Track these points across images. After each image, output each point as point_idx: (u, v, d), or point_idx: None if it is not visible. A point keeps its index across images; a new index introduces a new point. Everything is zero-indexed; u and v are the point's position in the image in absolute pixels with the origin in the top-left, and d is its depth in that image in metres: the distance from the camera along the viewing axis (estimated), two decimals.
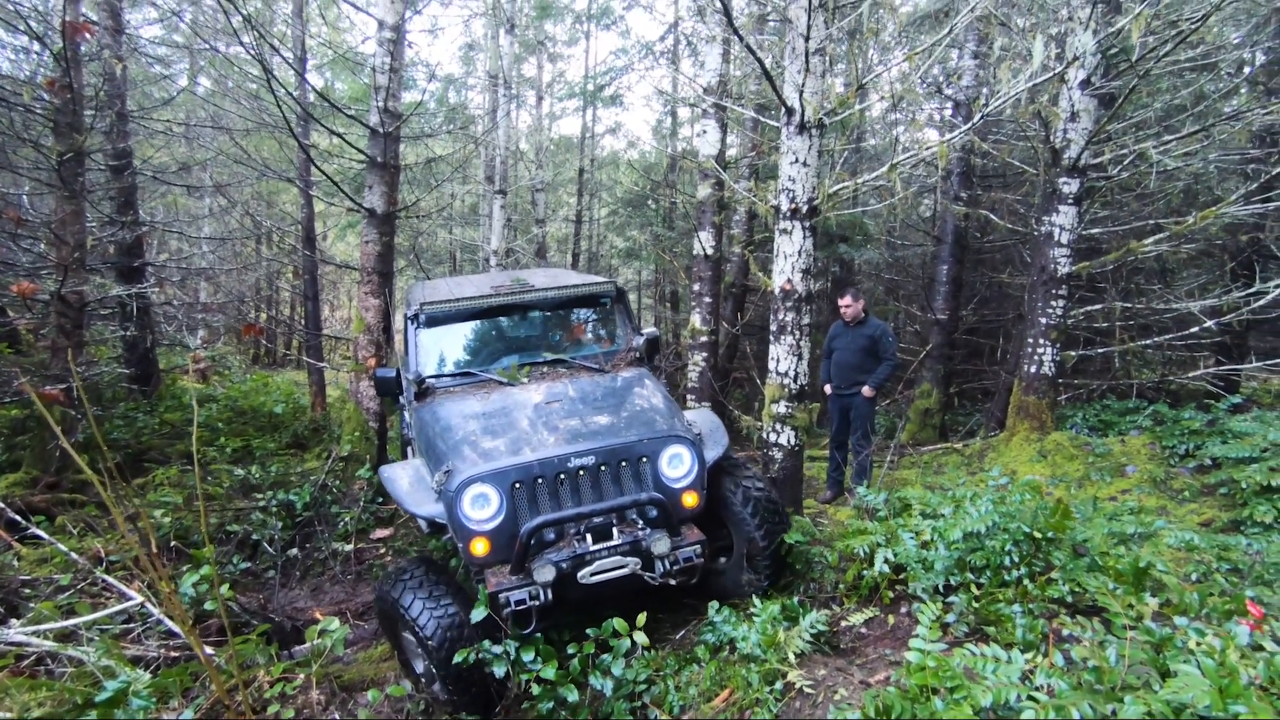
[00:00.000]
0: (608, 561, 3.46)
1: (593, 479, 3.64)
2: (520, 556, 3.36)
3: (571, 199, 22.49)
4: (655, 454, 3.75)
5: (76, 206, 6.18)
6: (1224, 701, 1.98)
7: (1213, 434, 6.23)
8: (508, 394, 4.19)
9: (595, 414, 3.98)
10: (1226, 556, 3.78)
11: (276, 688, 3.67)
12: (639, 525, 3.61)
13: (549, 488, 3.56)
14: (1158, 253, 7.82)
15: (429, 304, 4.51)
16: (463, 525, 3.41)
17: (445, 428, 3.88)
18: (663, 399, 4.28)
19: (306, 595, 5.91)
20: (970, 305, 11.67)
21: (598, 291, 4.89)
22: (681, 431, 3.86)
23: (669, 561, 3.57)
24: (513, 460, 3.52)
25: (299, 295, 17.46)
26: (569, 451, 3.61)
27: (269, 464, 7.23)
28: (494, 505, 3.46)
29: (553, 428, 3.82)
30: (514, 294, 4.70)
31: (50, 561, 4.87)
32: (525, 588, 3.33)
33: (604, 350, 4.80)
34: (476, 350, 4.70)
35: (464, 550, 3.43)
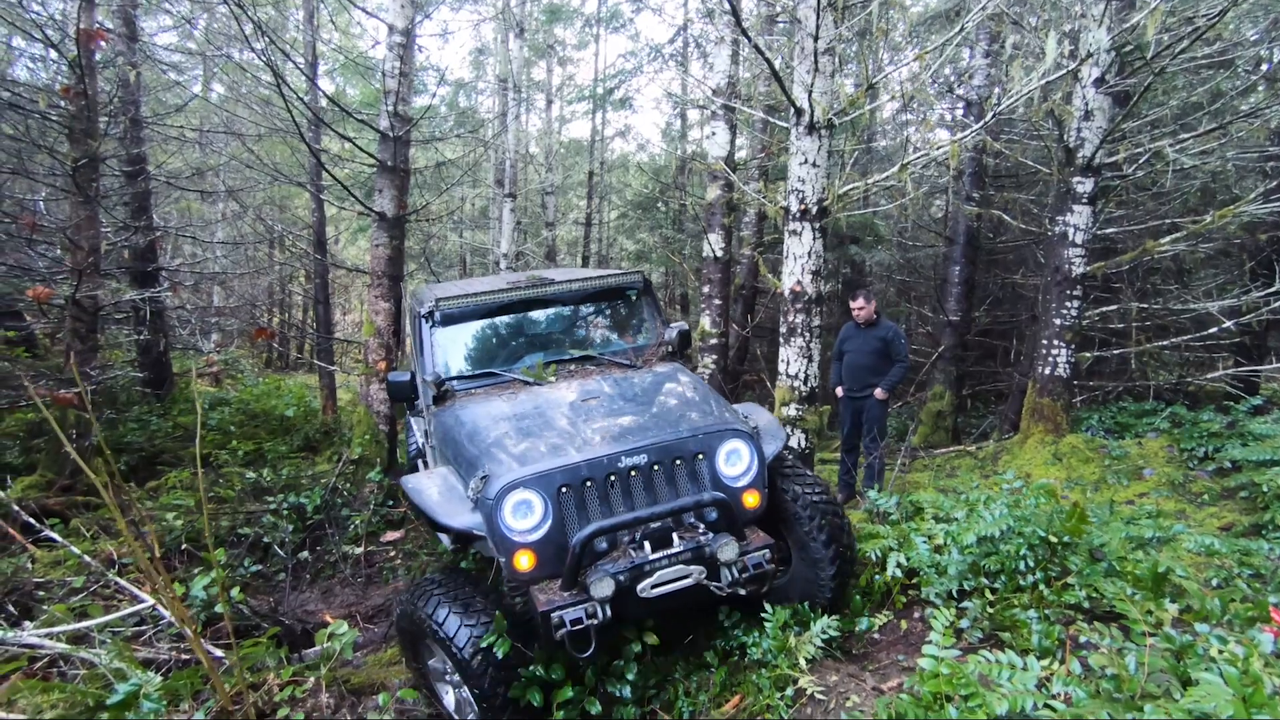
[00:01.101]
0: (670, 571, 3.11)
1: (645, 480, 3.31)
2: (573, 570, 2.99)
3: (581, 202, 22.53)
4: (712, 450, 3.44)
5: (91, 212, 6.24)
6: (1248, 710, 1.93)
7: (1232, 436, 6.13)
8: (537, 394, 3.90)
9: (639, 411, 3.69)
10: (1248, 562, 3.71)
11: (286, 691, 3.67)
12: (699, 530, 3.26)
13: (598, 491, 3.23)
14: (1175, 252, 7.71)
15: (445, 300, 4.24)
16: (504, 537, 3.05)
17: (474, 431, 3.56)
18: (709, 393, 4.01)
19: (317, 598, 5.92)
20: (983, 306, 11.57)
21: (624, 283, 4.62)
22: (739, 425, 3.57)
23: (737, 569, 3.21)
24: (558, 462, 3.19)
25: (310, 299, 17.58)
26: (619, 450, 3.27)
27: (280, 467, 7.26)
28: (538, 513, 3.12)
29: (596, 426, 3.51)
30: (535, 288, 4.42)
31: (64, 564, 4.91)
32: (581, 605, 2.97)
33: (633, 345, 4.52)
34: (497, 349, 4.41)
35: (506, 566, 3.04)
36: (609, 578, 2.98)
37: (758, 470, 3.50)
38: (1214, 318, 7.58)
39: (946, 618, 2.48)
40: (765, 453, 3.61)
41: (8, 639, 3.73)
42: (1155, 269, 9.60)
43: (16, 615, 4.26)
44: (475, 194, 18.74)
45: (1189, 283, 9.36)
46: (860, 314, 6.30)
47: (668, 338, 4.51)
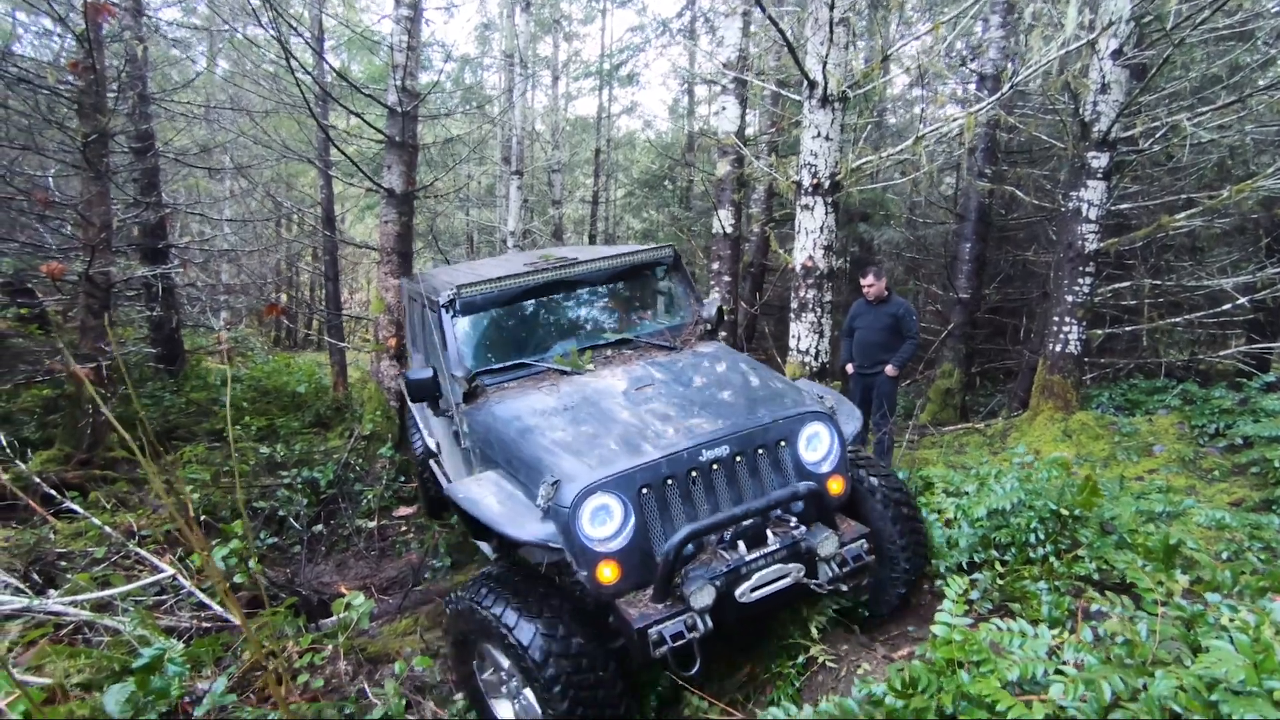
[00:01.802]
0: (769, 572, 2.87)
1: (728, 474, 3.05)
2: (666, 579, 2.72)
3: (588, 180, 22.40)
4: (794, 435, 3.19)
5: (102, 188, 6.25)
6: (1259, 676, 1.95)
7: (1244, 413, 6.11)
8: (580, 384, 3.59)
9: (703, 397, 3.41)
10: (1259, 535, 3.72)
11: (306, 658, 3.75)
12: (791, 524, 3.04)
13: (680, 489, 2.95)
14: (1190, 228, 7.63)
15: (466, 287, 3.89)
16: (585, 548, 2.75)
17: (526, 430, 3.24)
18: (769, 372, 3.76)
19: (332, 570, 6.02)
20: (993, 284, 11.49)
21: (655, 259, 4.34)
22: (817, 407, 3.32)
23: (836, 563, 3.00)
24: (636, 460, 2.89)
25: (319, 277, 17.60)
26: (699, 443, 3.00)
27: (293, 442, 7.34)
28: (617, 518, 2.84)
29: (662, 416, 3.23)
30: (562, 268, 4.11)
31: (85, 535, 4.99)
32: (679, 618, 2.70)
33: (669, 325, 4.24)
34: (523, 338, 4.06)
35: (588, 579, 2.75)
36: (709, 585, 2.70)
37: (840, 454, 3.27)
38: (1227, 294, 7.52)
39: (960, 585, 2.51)
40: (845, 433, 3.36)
41: (34, 606, 3.81)
42: (1169, 246, 9.50)
43: (41, 584, 4.35)
44: (481, 171, 18.65)
45: (1203, 260, 9.27)
46: (870, 290, 6.27)
47: (706, 315, 4.25)
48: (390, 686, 3.67)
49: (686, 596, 2.68)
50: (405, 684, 3.81)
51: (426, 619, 5.04)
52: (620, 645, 2.92)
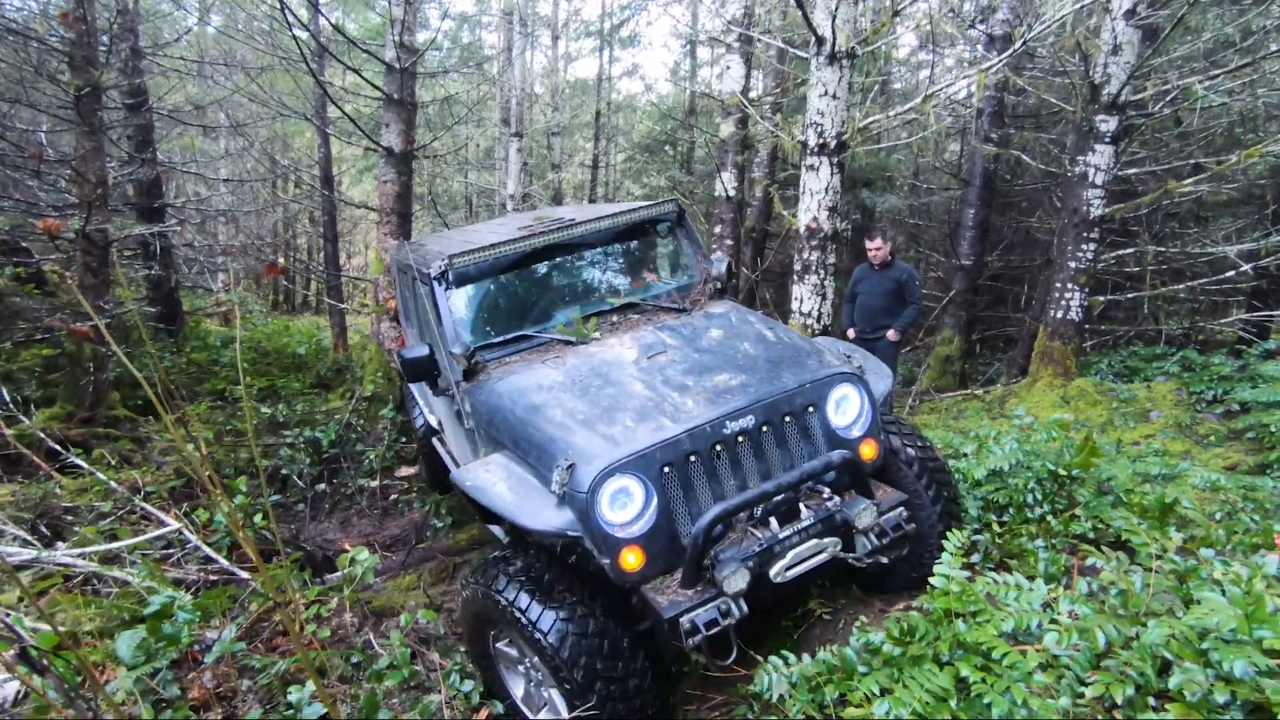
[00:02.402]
0: (804, 548, 2.69)
1: (754, 445, 2.87)
2: (695, 563, 2.56)
3: (587, 144, 22.10)
4: (821, 399, 3.00)
5: (96, 143, 6.16)
6: (1249, 626, 2.00)
7: (1242, 380, 6.14)
8: (587, 355, 3.39)
9: (720, 363, 3.20)
10: (1252, 497, 3.77)
11: (313, 609, 3.83)
12: (824, 495, 2.88)
13: (704, 465, 2.77)
14: (1197, 194, 7.57)
15: (458, 256, 3.63)
16: (605, 534, 2.58)
17: (533, 407, 3.05)
18: (787, 331, 3.55)
19: (335, 528, 6.10)
20: (996, 251, 11.44)
21: (657, 215, 4.07)
22: (845, 367, 3.13)
23: (875, 534, 2.85)
24: (656, 437, 2.70)
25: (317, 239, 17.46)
26: (721, 414, 2.80)
27: (294, 403, 7.37)
28: (638, 500, 2.66)
29: (680, 386, 3.02)
30: (559, 230, 3.84)
31: (90, 491, 5.04)
32: (712, 604, 2.54)
33: (676, 285, 4.02)
34: (522, 307, 3.85)
35: (611, 567, 2.59)
36: (743, 567, 2.52)
37: (871, 416, 3.08)
38: (1231, 262, 7.49)
39: (959, 538, 2.55)
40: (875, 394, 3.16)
41: (43, 558, 3.87)
42: (1174, 213, 9.43)
43: (49, 536, 4.40)
44: (480, 133, 18.38)
45: (1208, 227, 9.22)
46: (876, 254, 6.23)
47: (714, 273, 4.02)
48: (396, 637, 3.75)
49: (719, 581, 2.50)
50: (410, 635, 3.89)
51: (429, 575, 5.12)
52: (647, 627, 2.80)
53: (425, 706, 3.28)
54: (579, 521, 2.59)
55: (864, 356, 3.45)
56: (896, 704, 2.07)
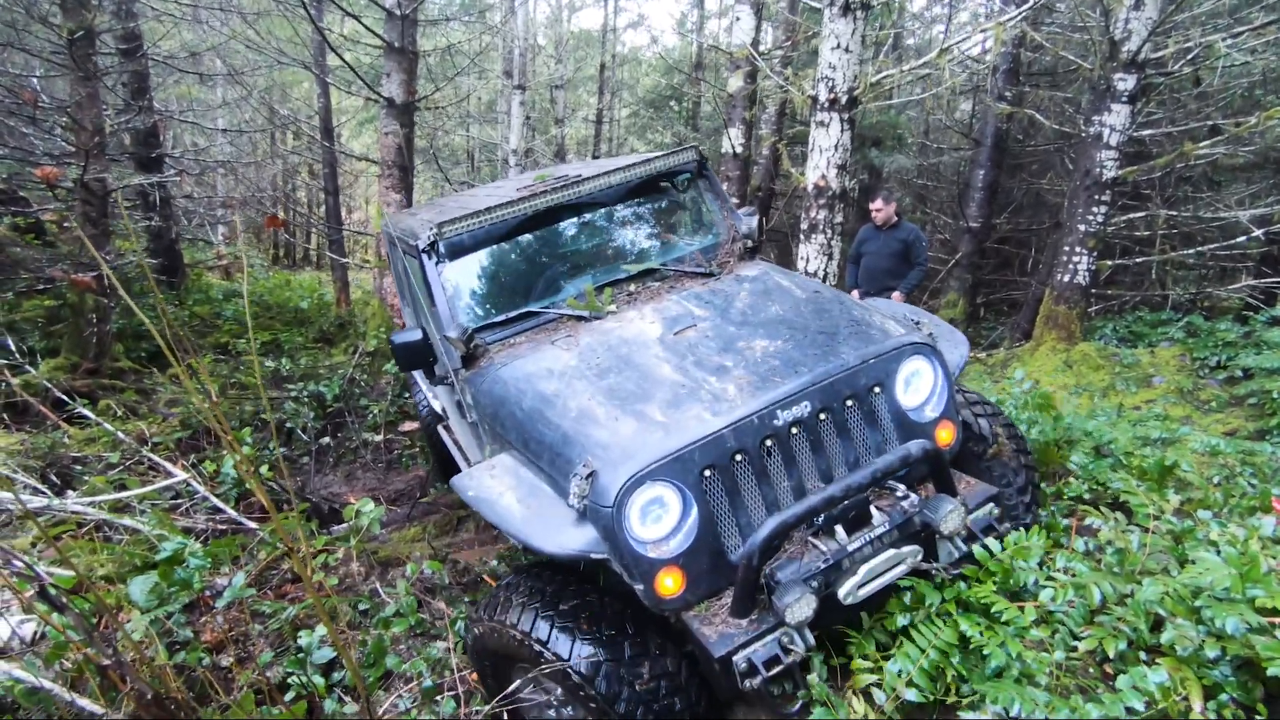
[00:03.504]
0: (879, 561, 2.24)
1: (811, 437, 2.41)
2: (749, 587, 2.12)
3: (591, 98, 21.63)
4: (889, 376, 2.52)
5: (92, 90, 6.03)
6: (1243, 585, 2.03)
7: (1247, 346, 6.13)
8: (604, 332, 2.96)
9: (761, 336, 2.74)
10: (1251, 461, 3.80)
11: (320, 558, 3.90)
12: (898, 493, 2.39)
13: (753, 465, 2.32)
14: (1213, 157, 7.43)
15: (448, 224, 3.19)
16: (637, 555, 2.15)
17: (544, 400, 2.62)
18: (838, 294, 3.10)
19: (340, 481, 6.17)
20: (1004, 213, 11.30)
21: (676, 166, 3.57)
22: (915, 336, 2.64)
23: (962, 539, 2.37)
24: (694, 433, 2.25)
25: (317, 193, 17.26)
26: (771, 401, 2.34)
27: (298, 357, 7.39)
28: (675, 512, 2.23)
29: (717, 369, 2.56)
30: (564, 188, 3.39)
31: (98, 441, 5.09)
32: (771, 636, 2.12)
33: (701, 246, 3.54)
34: (527, 280, 3.38)
35: (646, 593, 2.18)
36: (808, 590, 2.09)
37: (947, 394, 2.60)
38: (1243, 227, 7.40)
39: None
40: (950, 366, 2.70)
41: (53, 505, 3.93)
42: (1187, 177, 9.28)
43: (59, 485, 4.46)
44: (482, 84, 18.00)
45: (1220, 192, 9.08)
46: (879, 215, 6.14)
47: (743, 230, 3.57)
48: (402, 586, 3.83)
49: (779, 609, 2.06)
50: (416, 585, 3.97)
51: (434, 527, 5.20)
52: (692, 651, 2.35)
53: (431, 653, 3.38)
54: (604, 540, 2.17)
55: (932, 321, 2.92)
56: (904, 659, 2.12)
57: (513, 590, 2.50)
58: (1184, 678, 1.91)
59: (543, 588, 2.45)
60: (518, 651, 2.36)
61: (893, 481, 2.40)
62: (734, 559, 2.25)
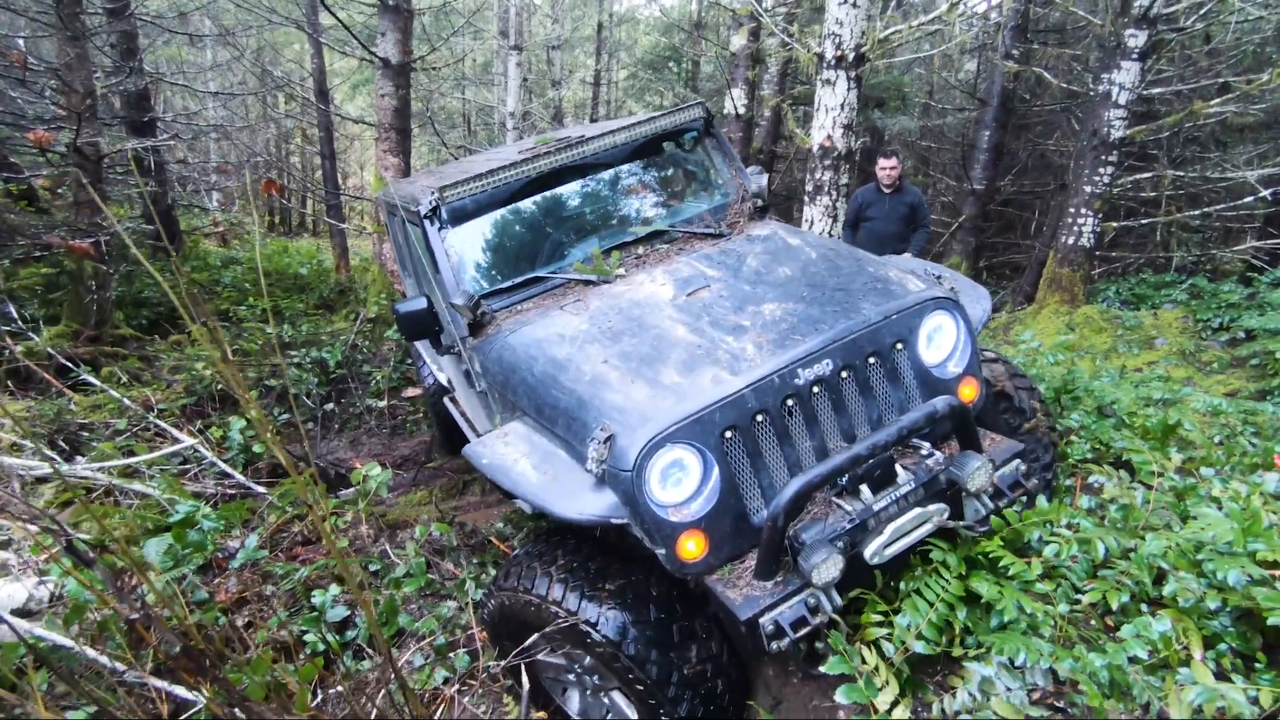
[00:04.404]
0: (905, 520, 2.21)
1: (833, 395, 2.38)
2: (773, 549, 2.11)
3: (589, 59, 21.22)
4: (911, 332, 2.49)
5: (80, 50, 5.89)
6: (1244, 539, 2.07)
7: (1250, 307, 6.12)
8: (614, 296, 2.93)
9: (777, 295, 2.70)
10: (1252, 420, 3.83)
11: (330, 521, 3.95)
12: (923, 451, 2.40)
13: (774, 426, 2.29)
14: (1223, 116, 7.33)
15: (450, 187, 3.14)
16: (659, 519, 2.14)
17: (555, 365, 2.59)
18: (851, 251, 3.06)
19: (345, 446, 6.21)
20: (1009, 175, 11.18)
21: (681, 125, 3.49)
22: (937, 290, 2.60)
23: (989, 496, 2.35)
24: (713, 394, 2.22)
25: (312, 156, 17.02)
26: (792, 360, 2.31)
27: (299, 324, 7.37)
28: (695, 474, 2.21)
29: (733, 329, 2.53)
30: (567, 148, 3.33)
31: (103, 408, 5.10)
32: (798, 598, 2.12)
33: (709, 206, 3.50)
34: (532, 245, 3.34)
35: (668, 557, 2.18)
36: (835, 550, 2.07)
37: (971, 349, 2.57)
38: (1250, 187, 7.33)
39: None
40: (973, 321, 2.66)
41: (64, 470, 3.96)
42: (1194, 137, 9.17)
43: (68, 451, 4.48)
44: (478, 45, 17.62)
45: (1228, 152, 8.98)
46: (889, 174, 5.98)
47: (753, 189, 3.52)
48: (411, 548, 3.89)
49: (805, 570, 2.05)
50: (424, 547, 4.03)
51: (440, 491, 5.25)
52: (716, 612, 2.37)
53: (440, 612, 3.44)
54: (624, 505, 2.15)
55: (952, 275, 2.85)
56: (913, 613, 2.16)
57: (537, 559, 2.47)
58: (1185, 628, 1.95)
59: (572, 557, 2.44)
60: (542, 619, 2.34)
61: (917, 439, 2.40)
62: (757, 521, 2.25)
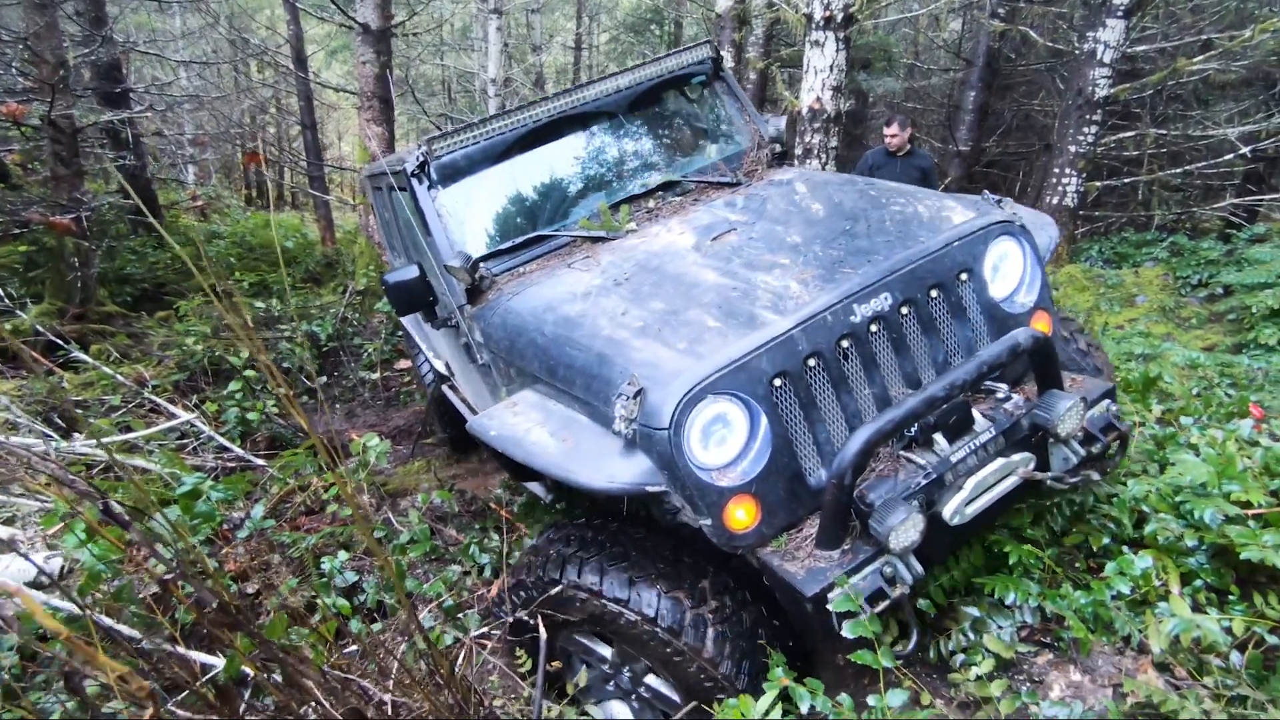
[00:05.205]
0: (988, 473, 1.90)
1: (893, 334, 2.09)
2: (839, 513, 1.82)
3: (569, 23, 20.77)
4: (976, 260, 2.19)
5: (50, 19, 5.72)
6: (1220, 481, 2.17)
7: (1229, 263, 6.26)
8: (625, 250, 2.67)
9: (817, 232, 2.42)
10: (1228, 373, 3.96)
11: (332, 491, 4.00)
12: (1000, 394, 2.10)
13: (829, 371, 1.99)
14: (1205, 73, 7.38)
15: (440, 139, 2.92)
16: (703, 483, 1.84)
17: (568, 321, 2.29)
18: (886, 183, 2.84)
19: (341, 419, 6.23)
20: (994, 136, 11.20)
21: (687, 68, 3.25)
22: (998, 213, 2.33)
23: (1079, 443, 2.07)
24: (758, 338, 1.92)
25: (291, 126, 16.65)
26: (846, 295, 2.01)
27: (287, 298, 7.32)
28: (741, 430, 1.91)
29: (771, 266, 2.24)
30: (566, 95, 3.11)
31: (95, 385, 5.08)
32: (872, 568, 1.83)
33: (723, 155, 3.28)
34: (531, 204, 3.07)
35: (715, 528, 1.87)
36: (913, 510, 1.77)
37: (1041, 279, 2.29)
38: (1230, 144, 7.43)
39: None
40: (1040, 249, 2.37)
41: (62, 448, 3.97)
42: (1176, 95, 9.21)
43: (64, 428, 4.48)
44: (457, 7, 17.20)
45: (1210, 109, 9.05)
46: (894, 141, 5.88)
47: (772, 131, 3.28)
48: (414, 515, 3.96)
49: (881, 535, 1.77)
50: (426, 514, 4.10)
51: (439, 460, 5.32)
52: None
53: (447, 576, 3.53)
54: (660, 470, 1.85)
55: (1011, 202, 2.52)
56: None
57: (569, 544, 2.19)
58: (1164, 565, 2.06)
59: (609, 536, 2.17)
60: (580, 613, 2.08)
61: (991, 382, 2.11)
62: (813, 483, 1.96)
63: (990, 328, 2.22)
